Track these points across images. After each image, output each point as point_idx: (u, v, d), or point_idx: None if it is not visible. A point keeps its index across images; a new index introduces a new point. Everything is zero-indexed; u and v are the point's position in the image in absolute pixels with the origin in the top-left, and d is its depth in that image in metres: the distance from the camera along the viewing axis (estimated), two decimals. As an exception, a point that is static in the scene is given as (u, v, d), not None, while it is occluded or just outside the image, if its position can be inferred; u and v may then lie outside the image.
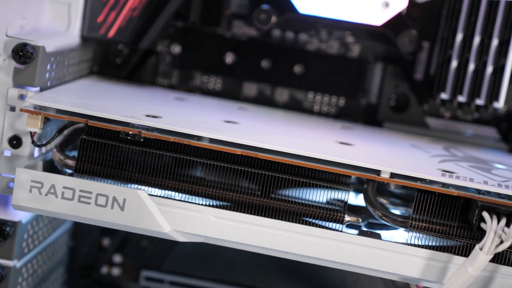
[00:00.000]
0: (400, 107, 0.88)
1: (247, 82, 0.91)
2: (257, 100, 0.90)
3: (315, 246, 0.66)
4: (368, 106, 0.89)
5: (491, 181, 0.66)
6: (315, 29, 0.89)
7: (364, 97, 0.89)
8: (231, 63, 0.90)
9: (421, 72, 0.88)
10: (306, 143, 0.70)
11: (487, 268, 0.64)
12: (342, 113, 0.90)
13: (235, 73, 0.90)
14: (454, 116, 0.88)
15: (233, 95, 0.91)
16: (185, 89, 0.91)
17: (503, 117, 0.88)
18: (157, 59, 0.90)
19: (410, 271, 0.65)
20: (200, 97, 0.88)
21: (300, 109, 0.90)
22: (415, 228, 0.66)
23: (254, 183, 0.66)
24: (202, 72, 0.91)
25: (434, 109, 0.88)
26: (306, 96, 0.90)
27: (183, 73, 0.91)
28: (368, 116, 0.89)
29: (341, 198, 0.67)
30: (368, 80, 0.89)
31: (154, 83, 0.91)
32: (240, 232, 0.66)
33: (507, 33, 0.80)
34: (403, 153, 0.75)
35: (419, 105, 0.88)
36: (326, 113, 0.90)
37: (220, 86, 0.91)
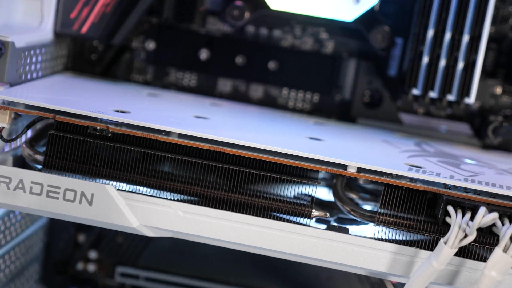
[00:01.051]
0: (374, 103, 0.89)
1: (222, 78, 0.91)
2: (232, 96, 0.91)
3: (283, 240, 0.66)
4: (342, 102, 0.90)
5: (458, 176, 0.66)
6: (289, 25, 0.89)
7: (338, 93, 0.90)
8: (206, 59, 0.90)
9: (394, 68, 0.88)
10: (275, 138, 0.70)
11: (452, 262, 0.65)
12: (316, 109, 0.90)
13: (210, 70, 0.90)
14: (428, 112, 0.88)
15: (208, 91, 0.91)
16: (160, 85, 0.91)
17: (476, 113, 0.88)
18: (132, 55, 0.91)
19: (377, 265, 0.66)
20: (174, 93, 0.88)
21: (274, 105, 0.90)
22: (382, 223, 0.66)
23: (222, 178, 0.67)
24: (177, 68, 0.91)
25: (408, 105, 0.88)
26: (281, 92, 0.90)
27: (158, 69, 0.91)
28: (342, 112, 0.89)
29: (309, 193, 0.67)
30: (342, 76, 0.89)
31: (129, 79, 0.91)
32: (208, 227, 0.66)
33: (477, 29, 0.80)
34: (373, 148, 0.75)
35: (393, 101, 0.88)
36: (301, 109, 0.90)
37: (195, 82, 0.91)
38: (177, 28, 0.90)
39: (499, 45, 0.87)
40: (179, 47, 0.90)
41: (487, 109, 0.88)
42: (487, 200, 0.63)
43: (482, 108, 0.88)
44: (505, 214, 0.62)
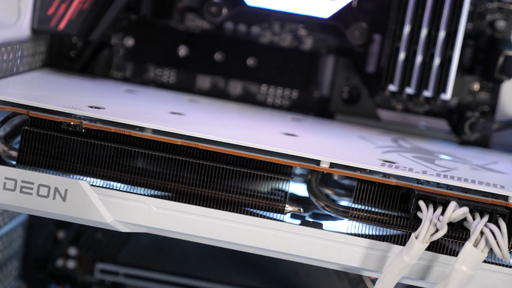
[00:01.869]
0: (353, 99, 0.89)
1: (201, 75, 0.91)
2: (211, 92, 0.91)
3: (256, 235, 0.66)
4: (320, 99, 0.90)
5: (431, 171, 0.66)
6: (268, 22, 0.89)
7: (317, 89, 0.90)
8: (184, 56, 0.90)
9: (373, 65, 0.88)
10: (250, 134, 0.71)
11: (425, 257, 0.65)
12: (295, 106, 0.90)
13: (189, 66, 0.90)
14: (406, 108, 0.89)
15: (187, 88, 0.91)
16: (139, 82, 0.91)
17: (454, 109, 0.88)
18: (111, 52, 0.91)
19: (350, 260, 0.66)
20: (152, 89, 0.88)
21: (253, 101, 0.91)
22: (355, 218, 0.66)
23: (196, 173, 0.67)
24: (156, 65, 0.91)
25: (386, 101, 0.88)
26: (260, 88, 0.91)
27: (137, 66, 0.91)
28: (321, 108, 0.90)
29: (283, 188, 0.67)
30: (320, 73, 0.90)
31: (108, 76, 0.91)
32: (182, 222, 0.66)
33: (453, 25, 0.80)
34: (348, 144, 0.75)
35: (371, 98, 0.88)
36: (280, 106, 0.91)
37: (174, 79, 0.91)
38: (155, 25, 0.90)
39: (477, 42, 0.87)
40: (158, 43, 0.90)
41: (465, 106, 0.88)
42: (458, 195, 0.63)
43: (460, 104, 0.88)
44: (476, 209, 0.63)
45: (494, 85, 0.87)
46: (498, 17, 0.86)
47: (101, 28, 0.83)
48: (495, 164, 0.76)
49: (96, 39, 0.84)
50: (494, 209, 0.62)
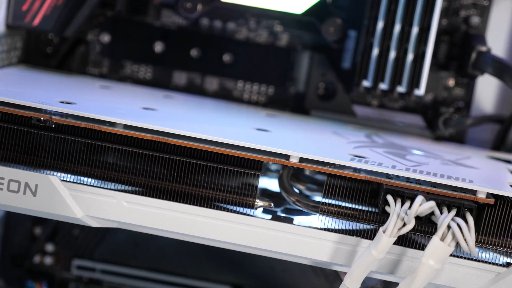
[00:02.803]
0: (328, 95, 0.89)
1: (177, 71, 0.91)
2: (187, 89, 0.91)
3: (226, 230, 0.66)
4: (296, 95, 0.90)
5: (400, 166, 0.67)
6: (244, 18, 0.90)
7: (293, 85, 0.90)
8: (161, 52, 0.90)
9: (348, 61, 0.88)
10: (221, 129, 0.71)
11: (394, 251, 0.65)
12: (271, 102, 0.90)
13: (165, 62, 0.91)
14: (382, 104, 0.89)
15: (164, 84, 0.91)
16: (116, 78, 0.91)
17: (429, 105, 0.88)
18: (87, 48, 0.91)
19: (320, 254, 0.66)
20: (128, 85, 0.88)
21: (230, 98, 0.91)
22: (325, 213, 0.67)
23: (166, 168, 0.67)
24: (132, 61, 0.91)
25: (362, 97, 0.89)
26: (236, 85, 0.91)
27: (113, 62, 0.91)
28: (296, 104, 0.90)
29: (253, 183, 0.67)
30: (296, 69, 0.90)
31: (84, 72, 0.91)
32: (153, 217, 0.67)
33: (426, 21, 0.81)
34: (320, 139, 0.75)
35: (346, 94, 0.89)
36: (256, 102, 0.91)
37: (150, 75, 0.91)
38: (132, 21, 0.90)
39: (452, 38, 0.87)
40: (134, 40, 0.90)
41: (440, 101, 0.88)
42: (427, 190, 0.64)
43: (435, 100, 0.88)
44: (444, 203, 0.63)
45: (469, 81, 0.88)
46: (473, 13, 0.87)
47: (75, 24, 0.83)
48: (468, 159, 0.76)
49: (71, 35, 0.84)
50: (461, 203, 0.63)
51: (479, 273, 0.65)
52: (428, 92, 0.87)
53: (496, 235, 0.65)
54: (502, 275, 0.64)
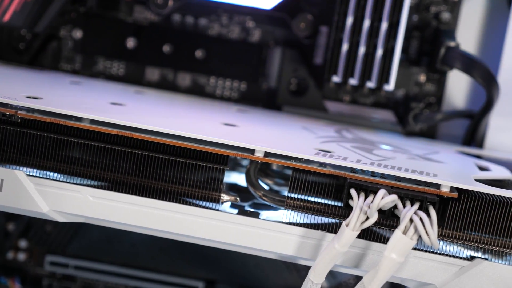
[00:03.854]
0: (300, 91, 0.89)
1: (150, 67, 0.91)
2: (160, 84, 0.91)
3: (192, 225, 0.66)
4: (268, 90, 0.90)
5: (365, 160, 0.67)
6: (216, 14, 0.90)
7: (265, 81, 0.90)
8: (133, 48, 0.90)
9: (320, 57, 0.89)
10: (189, 124, 0.71)
11: (358, 245, 0.65)
12: (243, 98, 0.91)
13: (137, 58, 0.91)
14: (353, 100, 0.89)
15: (136, 80, 0.91)
16: (89, 74, 0.91)
17: (401, 100, 0.89)
18: (60, 44, 0.91)
19: (285, 249, 0.66)
20: (100, 81, 0.88)
21: (202, 93, 0.91)
22: (291, 207, 0.67)
23: (132, 163, 0.67)
24: (104, 57, 0.91)
25: (333, 93, 0.89)
26: (208, 80, 0.91)
27: (85, 58, 0.91)
28: (269, 100, 0.90)
29: (218, 178, 0.67)
30: (268, 65, 0.90)
31: (57, 68, 0.91)
32: (118, 212, 0.67)
33: (395, 16, 0.81)
34: (288, 134, 0.75)
35: (318, 89, 0.89)
36: (229, 98, 0.91)
37: (123, 71, 0.91)
38: (104, 17, 0.90)
39: (422, 33, 0.87)
40: (107, 36, 0.91)
41: (412, 97, 0.88)
42: (391, 184, 0.64)
43: (407, 96, 0.89)
44: (407, 197, 0.63)
45: (440, 76, 0.88)
46: (443, 9, 0.87)
47: (46, 20, 0.83)
48: (436, 154, 0.77)
49: (42, 30, 0.84)
50: (424, 197, 0.63)
51: (443, 266, 0.65)
52: (399, 88, 0.88)
53: (460, 229, 0.65)
54: (465, 268, 0.64)
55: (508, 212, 0.64)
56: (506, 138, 0.85)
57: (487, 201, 0.64)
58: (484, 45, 0.88)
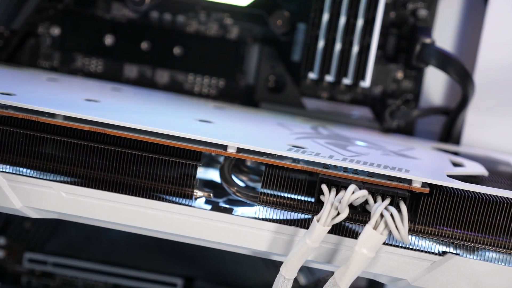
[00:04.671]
0: (278, 88, 0.89)
1: (128, 64, 0.91)
2: (138, 81, 0.91)
3: (165, 221, 0.67)
4: (246, 87, 0.90)
5: (338, 156, 0.67)
6: (194, 11, 0.90)
7: (243, 78, 0.90)
8: (111, 45, 0.90)
9: (298, 54, 0.89)
10: (163, 121, 0.71)
11: (331, 241, 0.65)
12: (222, 94, 0.91)
13: (115, 55, 0.91)
14: (331, 96, 0.89)
15: (115, 77, 0.91)
16: (67, 71, 0.91)
17: (378, 97, 0.89)
18: (38, 41, 0.91)
19: (259, 244, 0.66)
20: (77, 78, 0.88)
21: (181, 90, 0.91)
22: (264, 203, 0.67)
23: (105, 159, 0.67)
24: (83, 54, 0.91)
25: (311, 89, 0.89)
26: (187, 77, 0.91)
27: (64, 56, 0.91)
28: (246, 97, 0.90)
29: (191, 174, 0.67)
30: (246, 62, 0.90)
31: (35, 65, 0.91)
32: (91, 208, 0.67)
33: (371, 13, 0.81)
34: (263, 131, 0.75)
35: (296, 86, 0.89)
36: (207, 95, 0.91)
37: (101, 68, 0.91)
38: (82, 14, 0.90)
39: (400, 30, 0.88)
40: (85, 33, 0.91)
41: (389, 94, 0.89)
42: (362, 179, 0.64)
43: (384, 92, 0.89)
44: (378, 192, 0.63)
45: (417, 73, 0.88)
46: (420, 5, 0.87)
47: (22, 16, 0.83)
48: (411, 150, 0.77)
49: (18, 27, 0.84)
50: (395, 193, 0.63)
51: (415, 261, 0.65)
52: (377, 85, 0.88)
53: (433, 224, 0.65)
54: (437, 263, 0.65)
55: (480, 208, 0.64)
56: (482, 135, 0.86)
57: (459, 197, 0.65)
58: (461, 42, 0.89)
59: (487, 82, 0.85)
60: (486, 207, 0.64)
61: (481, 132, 0.86)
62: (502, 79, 0.84)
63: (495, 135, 0.86)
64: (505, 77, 0.84)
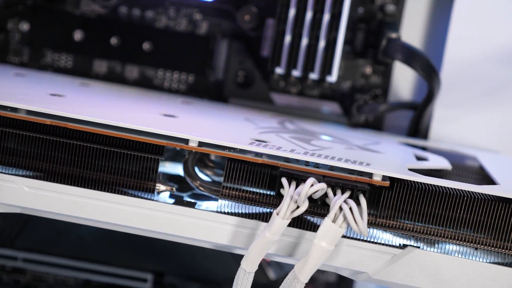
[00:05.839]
0: (248, 83, 0.90)
1: (97, 59, 0.91)
2: (108, 77, 0.91)
3: (128, 215, 0.67)
4: (216, 83, 0.91)
5: (300, 150, 0.67)
6: (164, 6, 0.90)
7: (212, 73, 0.90)
8: (80, 40, 0.90)
9: (267, 49, 0.89)
10: (127, 115, 0.71)
11: (292, 234, 0.66)
12: (191, 90, 0.91)
13: (85, 51, 0.91)
14: (300, 92, 0.89)
15: (84, 73, 0.91)
16: (37, 67, 0.91)
17: (347, 92, 0.89)
18: (7, 37, 0.90)
19: (220, 238, 0.66)
20: (46, 74, 0.88)
21: (151, 86, 0.91)
22: (226, 197, 0.67)
23: (67, 153, 0.67)
24: (52, 50, 0.91)
25: (280, 85, 0.89)
26: (156, 73, 0.91)
27: (33, 51, 0.91)
28: (216, 92, 0.90)
29: (153, 167, 0.67)
30: (215, 57, 0.90)
31: (5, 61, 0.91)
32: (54, 202, 0.67)
33: (337, 8, 0.81)
34: (228, 125, 0.76)
35: (265, 82, 0.89)
36: (177, 90, 0.91)
37: (71, 64, 0.91)
38: (51, 10, 0.90)
39: (368, 26, 0.88)
40: (54, 28, 0.91)
41: (358, 89, 0.89)
42: (323, 173, 0.64)
43: (353, 87, 0.89)
44: (338, 186, 0.63)
45: (385, 68, 0.88)
46: (388, 1, 0.87)
47: (-10, 11, 0.83)
48: (376, 144, 0.77)
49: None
50: (354, 186, 0.63)
51: (376, 254, 0.65)
52: (346, 80, 0.88)
53: (394, 218, 0.66)
54: (397, 256, 0.65)
55: (440, 201, 0.65)
56: (450, 130, 0.86)
57: (419, 190, 0.65)
58: (429, 37, 0.89)
59: (454, 77, 0.85)
60: (446, 201, 0.65)
61: (449, 127, 0.86)
62: (469, 74, 0.85)
63: (462, 130, 0.86)
64: (472, 72, 0.85)
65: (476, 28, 0.85)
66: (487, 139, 0.86)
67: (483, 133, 0.86)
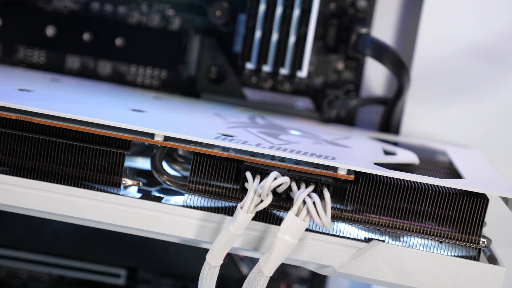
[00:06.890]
0: (220, 79, 0.90)
1: (70, 55, 0.91)
2: (81, 73, 0.91)
3: (93, 209, 0.67)
4: (188, 78, 0.91)
5: (266, 144, 0.67)
6: (136, 2, 0.90)
7: (185, 69, 0.91)
8: (53, 36, 0.90)
9: (239, 45, 0.89)
10: (94, 110, 0.71)
11: (258, 228, 0.66)
12: (164, 86, 0.91)
13: (57, 46, 0.91)
14: (273, 87, 0.90)
15: (57, 68, 0.91)
16: (9, 62, 0.91)
17: (319, 88, 0.89)
18: (-21, 33, 0.91)
19: (186, 232, 0.67)
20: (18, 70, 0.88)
21: (123, 82, 0.91)
22: (192, 191, 0.67)
23: (33, 147, 0.67)
24: (25, 46, 0.91)
25: (252, 80, 0.89)
26: (129, 69, 0.91)
27: (5, 47, 0.91)
28: (188, 88, 0.90)
29: (119, 162, 0.67)
30: (188, 53, 0.90)
31: (-23, 57, 0.91)
32: (20, 196, 0.67)
33: (307, 3, 0.81)
34: (197, 120, 0.76)
35: (237, 77, 0.89)
36: (149, 86, 0.91)
37: (43, 60, 0.91)
38: (23, 5, 0.90)
39: (340, 21, 0.88)
40: (26, 24, 0.90)
41: (330, 84, 0.89)
42: (288, 167, 0.64)
43: (325, 83, 0.89)
44: (302, 180, 0.64)
45: (357, 64, 0.89)
46: (360, -4, 0.88)
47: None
48: (346, 139, 0.77)
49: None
50: (318, 180, 0.63)
51: (341, 248, 0.66)
52: (318, 75, 0.88)
53: (359, 211, 0.66)
54: (362, 250, 0.65)
55: (405, 195, 0.65)
56: (421, 125, 0.86)
57: (384, 184, 0.65)
58: (400, 33, 0.89)
59: (425, 73, 0.85)
60: (411, 194, 0.65)
61: (420, 122, 0.86)
62: (439, 69, 0.85)
63: (433, 125, 0.86)
64: (442, 68, 0.85)
65: (446, 24, 0.85)
66: (458, 134, 0.86)
67: (454, 128, 0.86)
